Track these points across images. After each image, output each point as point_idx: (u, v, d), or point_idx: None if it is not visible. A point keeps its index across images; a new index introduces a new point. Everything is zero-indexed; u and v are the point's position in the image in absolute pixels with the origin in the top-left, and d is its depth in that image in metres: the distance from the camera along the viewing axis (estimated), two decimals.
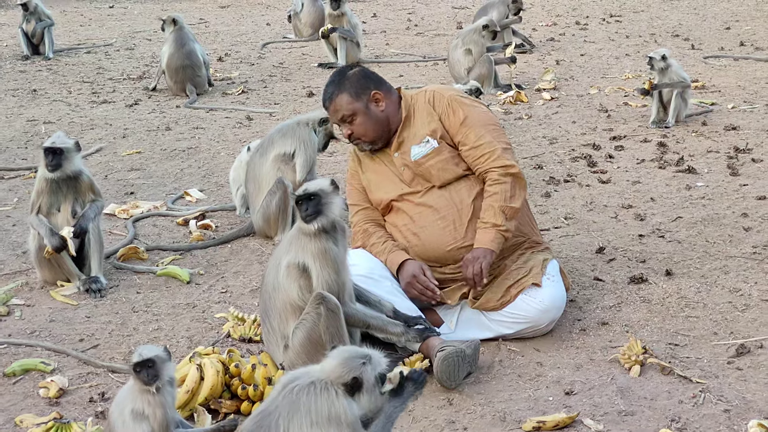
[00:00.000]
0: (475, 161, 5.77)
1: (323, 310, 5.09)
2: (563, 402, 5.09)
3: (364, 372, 3.89)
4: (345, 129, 5.87)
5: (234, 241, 7.58)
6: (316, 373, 3.93)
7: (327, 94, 5.88)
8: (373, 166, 6.00)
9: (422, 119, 5.88)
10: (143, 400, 4.25)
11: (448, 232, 5.78)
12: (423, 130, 5.86)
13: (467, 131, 5.79)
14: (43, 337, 6.02)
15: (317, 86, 13.02)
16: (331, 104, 5.86)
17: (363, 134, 5.85)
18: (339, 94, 5.83)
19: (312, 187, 5.19)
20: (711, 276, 6.55)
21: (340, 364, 3.90)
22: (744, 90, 11.96)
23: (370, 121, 5.85)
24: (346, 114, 5.82)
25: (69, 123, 11.44)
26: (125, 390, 4.37)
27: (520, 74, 13.15)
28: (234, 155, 8.44)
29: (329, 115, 5.97)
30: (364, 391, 3.88)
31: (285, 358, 5.27)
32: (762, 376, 5.26)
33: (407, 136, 5.89)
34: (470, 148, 5.77)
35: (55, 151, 6.59)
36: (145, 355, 4.25)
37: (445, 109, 5.87)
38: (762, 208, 7.75)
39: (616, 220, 7.69)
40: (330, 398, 3.84)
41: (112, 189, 8.88)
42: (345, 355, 3.97)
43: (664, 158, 9.22)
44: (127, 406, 4.27)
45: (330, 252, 5.14)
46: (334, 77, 5.95)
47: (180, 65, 12.74)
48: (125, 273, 7.00)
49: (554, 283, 5.78)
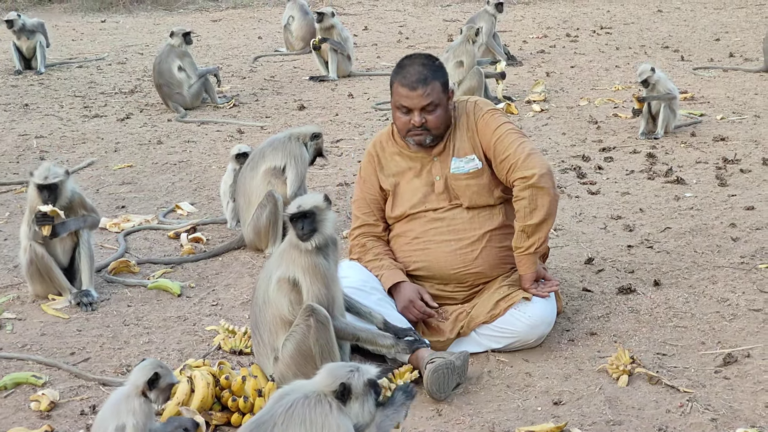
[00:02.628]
0: (504, 175, 5.75)
1: (313, 322, 5.11)
2: (552, 412, 5.12)
3: (352, 379, 3.93)
4: (418, 117, 5.67)
5: (225, 254, 7.62)
6: (310, 386, 3.97)
7: (420, 76, 5.65)
8: (402, 168, 5.92)
9: (463, 131, 5.85)
10: (128, 410, 4.25)
11: (459, 254, 5.80)
12: (466, 145, 5.82)
13: (497, 144, 5.74)
14: (35, 351, 6.03)
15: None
16: (423, 88, 5.64)
17: (435, 127, 5.72)
18: (434, 81, 5.68)
19: (307, 205, 5.18)
20: (699, 286, 6.59)
21: (329, 374, 3.96)
22: (733, 101, 12.02)
23: (445, 117, 5.76)
24: (433, 102, 5.66)
25: (61, 137, 11.47)
26: (107, 408, 4.36)
27: (511, 86, 13.20)
28: (225, 169, 8.46)
29: (408, 98, 5.66)
30: (354, 398, 3.92)
31: (275, 370, 5.29)
32: (749, 385, 5.29)
33: (450, 144, 5.85)
34: (500, 162, 5.74)
35: (50, 187, 6.60)
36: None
37: (482, 121, 5.82)
38: (750, 218, 7.79)
39: (605, 231, 7.73)
40: (324, 411, 3.87)
41: (103, 203, 8.90)
42: (333, 366, 4.04)
43: (653, 169, 9.27)
44: (110, 425, 4.28)
45: (320, 267, 5.16)
46: (425, 60, 5.75)
47: (156, 83, 12.83)
48: (116, 286, 7.03)
49: (545, 300, 5.78)
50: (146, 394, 4.31)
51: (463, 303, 5.86)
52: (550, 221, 5.75)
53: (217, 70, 13.32)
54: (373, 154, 6.04)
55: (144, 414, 4.26)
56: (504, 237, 5.86)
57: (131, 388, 4.30)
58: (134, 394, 4.28)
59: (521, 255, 5.74)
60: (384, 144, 6.03)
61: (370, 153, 6.06)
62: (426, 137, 5.76)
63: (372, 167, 6.03)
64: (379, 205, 6.04)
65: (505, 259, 5.87)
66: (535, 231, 5.68)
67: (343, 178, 9.40)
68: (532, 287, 5.76)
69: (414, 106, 5.68)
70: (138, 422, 4.22)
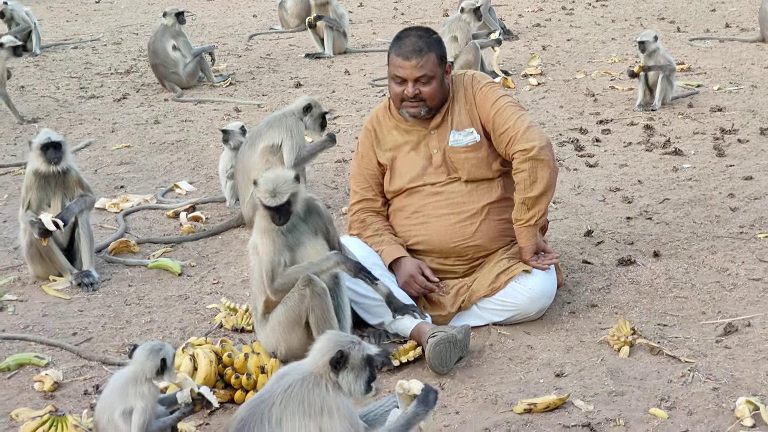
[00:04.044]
0: (503, 148, 5.76)
1: (308, 292, 5.18)
2: (554, 384, 5.14)
3: (352, 349, 3.93)
4: (411, 88, 5.69)
5: (224, 233, 7.63)
6: (308, 365, 3.97)
7: (415, 47, 5.69)
8: (399, 142, 5.93)
9: (461, 104, 5.86)
10: (136, 394, 4.26)
11: (458, 228, 5.81)
12: (465, 118, 5.84)
13: (495, 117, 5.76)
14: (37, 332, 6.05)
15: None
16: (418, 59, 5.67)
17: (429, 99, 5.74)
18: (429, 53, 5.70)
19: (284, 195, 5.16)
20: (698, 256, 6.60)
21: (328, 341, 3.97)
22: (729, 71, 12.00)
23: (440, 90, 5.77)
24: (427, 74, 5.69)
25: (57, 119, 11.45)
26: (111, 391, 4.35)
27: (507, 60, 13.18)
28: (223, 148, 8.46)
29: (402, 68, 5.70)
30: (350, 368, 3.91)
31: (260, 335, 5.36)
32: (750, 354, 5.31)
33: (448, 118, 5.86)
34: (499, 135, 5.75)
35: (56, 145, 6.63)
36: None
37: (480, 94, 5.84)
38: (748, 188, 7.80)
39: (603, 203, 7.74)
40: (321, 392, 3.87)
41: (102, 183, 8.90)
42: (333, 335, 4.07)
43: (651, 141, 9.27)
44: (116, 409, 4.27)
45: (270, 234, 5.25)
46: (422, 33, 5.78)
47: (151, 63, 12.82)
48: (117, 266, 7.04)
49: (545, 272, 5.80)
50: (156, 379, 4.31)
51: (463, 277, 5.87)
52: (549, 193, 5.76)
53: (212, 49, 13.29)
54: (370, 129, 6.04)
55: (153, 397, 4.28)
56: (503, 210, 5.87)
57: (138, 373, 4.29)
58: (142, 379, 4.28)
59: (521, 227, 5.75)
60: (381, 118, 6.04)
61: (367, 128, 6.06)
62: (421, 109, 5.77)
63: (369, 142, 6.03)
64: (377, 180, 6.04)
65: (505, 231, 5.88)
66: (535, 203, 5.69)
67: (341, 155, 9.40)
68: (532, 260, 5.77)
69: (408, 77, 5.70)
70: (147, 405, 4.23)
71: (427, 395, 4.10)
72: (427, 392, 4.11)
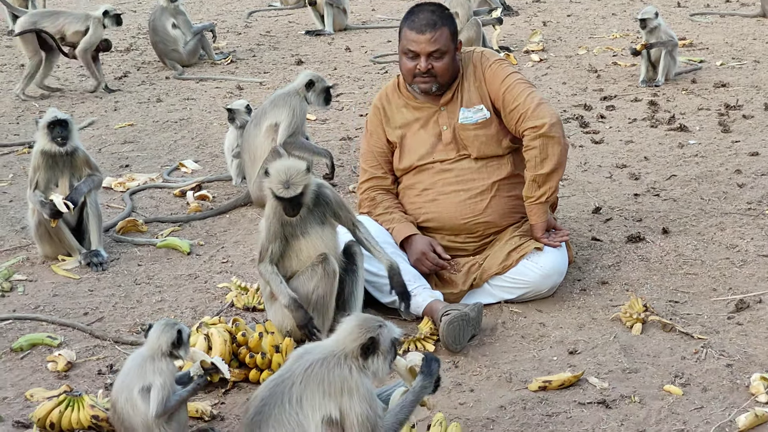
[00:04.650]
0: (513, 125, 5.76)
1: (320, 270, 5.22)
2: (567, 361, 5.15)
3: (381, 334, 3.94)
4: (424, 63, 5.67)
5: (232, 211, 7.61)
6: (330, 345, 3.97)
7: (429, 21, 5.66)
8: (408, 120, 5.92)
9: (471, 81, 5.85)
10: (154, 370, 4.27)
11: (468, 204, 5.80)
12: (475, 95, 5.83)
13: (505, 94, 5.75)
14: (48, 312, 6.04)
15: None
16: (432, 33, 5.65)
17: (441, 75, 5.73)
18: (443, 27, 5.68)
19: (298, 186, 5.09)
20: (707, 233, 6.62)
21: (358, 326, 3.96)
22: (732, 47, 11.99)
23: (452, 66, 5.76)
24: (440, 49, 5.67)
25: (59, 97, 11.40)
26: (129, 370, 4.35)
27: (508, 36, 13.15)
28: (227, 125, 8.44)
29: (415, 42, 5.68)
30: (380, 353, 3.93)
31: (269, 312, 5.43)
32: (762, 331, 5.33)
33: (458, 95, 5.84)
34: (509, 112, 5.74)
35: (62, 123, 6.61)
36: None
37: (490, 71, 5.82)
38: (755, 164, 7.81)
39: (610, 180, 7.74)
40: (343, 372, 3.88)
41: (107, 162, 8.87)
42: (361, 319, 4.04)
43: (656, 117, 9.27)
44: (134, 387, 4.27)
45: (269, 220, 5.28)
46: (435, 8, 5.76)
47: (152, 41, 12.80)
48: (125, 246, 7.03)
49: (556, 250, 5.81)
50: (174, 354, 4.31)
51: (474, 254, 5.88)
52: (560, 170, 5.76)
53: (213, 26, 13.25)
54: (379, 107, 6.03)
55: (171, 373, 4.28)
56: (513, 186, 5.87)
57: (155, 349, 4.30)
58: (159, 355, 4.28)
59: (532, 204, 5.75)
60: (390, 96, 6.03)
61: (376, 106, 6.06)
62: (432, 84, 5.76)
63: (378, 119, 6.02)
64: (386, 158, 6.03)
65: (515, 208, 5.88)
66: (546, 180, 5.69)
67: (345, 132, 9.38)
68: (543, 237, 5.77)
69: (421, 51, 5.68)
70: (165, 381, 4.23)
71: (429, 365, 4.11)
72: (429, 361, 4.12)
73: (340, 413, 3.85)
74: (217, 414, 4.84)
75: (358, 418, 3.84)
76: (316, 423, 3.84)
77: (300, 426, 3.84)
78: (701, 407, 4.66)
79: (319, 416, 3.85)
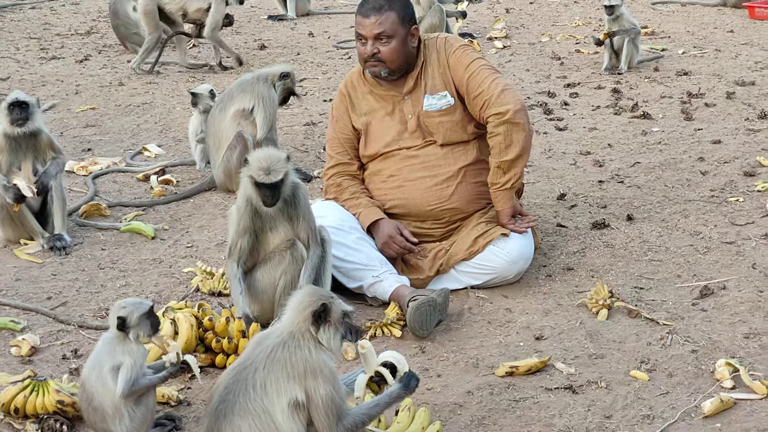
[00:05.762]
0: (477, 112, 5.75)
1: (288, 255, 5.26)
2: (534, 347, 5.17)
3: (332, 303, 3.95)
4: (370, 47, 5.66)
5: (196, 196, 7.57)
6: (286, 324, 3.96)
7: (375, 5, 5.65)
8: (373, 107, 5.91)
9: (434, 68, 5.83)
10: (124, 350, 4.23)
11: (434, 191, 5.80)
12: (439, 82, 5.81)
13: (469, 80, 5.73)
14: (11, 296, 5.98)
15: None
16: (377, 16, 5.63)
17: (389, 60, 5.70)
18: (389, 11, 5.65)
19: (278, 173, 5.06)
20: (671, 220, 6.66)
21: (309, 295, 3.98)
22: (693, 35, 12.08)
23: (402, 51, 5.72)
24: (386, 33, 5.64)
25: (19, 80, 11.30)
26: (99, 351, 4.32)
27: (471, 23, 13.16)
28: (190, 110, 8.40)
29: (361, 26, 5.69)
30: (331, 322, 3.93)
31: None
32: (726, 317, 5.37)
33: (421, 83, 5.83)
34: (473, 98, 5.73)
35: (21, 104, 6.52)
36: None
37: (454, 57, 5.80)
38: (717, 152, 7.87)
39: (575, 167, 7.77)
40: (304, 354, 3.87)
41: (69, 146, 8.79)
42: (311, 289, 4.11)
43: (619, 104, 9.32)
44: (104, 366, 4.24)
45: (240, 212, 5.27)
46: None
47: (113, 24, 12.74)
48: (89, 230, 6.97)
49: (523, 236, 5.82)
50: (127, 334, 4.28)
51: (441, 240, 5.87)
52: (525, 156, 5.77)
53: None
54: (345, 93, 6.02)
55: (141, 355, 4.24)
56: (479, 172, 5.87)
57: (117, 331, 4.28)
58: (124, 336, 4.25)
59: (498, 191, 5.76)
60: (355, 83, 6.01)
61: (342, 92, 6.04)
62: (381, 69, 5.74)
63: (344, 106, 6.00)
64: (352, 144, 6.02)
65: (481, 194, 5.88)
66: (510, 167, 5.70)
67: (309, 118, 9.36)
68: (509, 223, 5.78)
69: (367, 35, 5.69)
70: (135, 362, 4.20)
71: (409, 381, 4.15)
72: (409, 378, 4.16)
73: (305, 395, 3.84)
74: (183, 399, 4.81)
75: (323, 400, 3.84)
76: (281, 407, 3.82)
77: (266, 412, 3.82)
78: (667, 392, 4.68)
79: (285, 400, 3.83)
